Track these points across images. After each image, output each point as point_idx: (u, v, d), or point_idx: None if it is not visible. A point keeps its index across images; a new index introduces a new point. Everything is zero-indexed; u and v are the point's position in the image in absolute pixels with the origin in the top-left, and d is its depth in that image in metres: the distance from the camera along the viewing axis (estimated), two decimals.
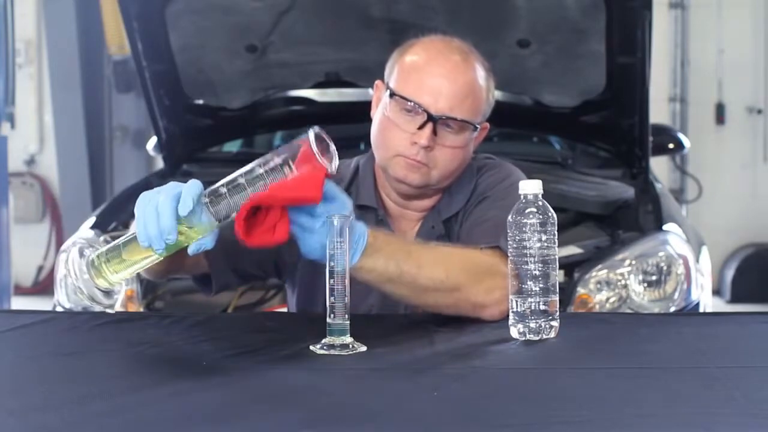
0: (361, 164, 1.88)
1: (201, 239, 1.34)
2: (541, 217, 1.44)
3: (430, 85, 1.72)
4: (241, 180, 1.35)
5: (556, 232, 1.45)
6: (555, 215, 1.45)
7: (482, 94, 1.77)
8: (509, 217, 1.45)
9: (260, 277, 1.92)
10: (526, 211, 1.44)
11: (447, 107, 1.71)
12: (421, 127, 1.71)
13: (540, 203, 1.45)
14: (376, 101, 1.82)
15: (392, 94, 1.74)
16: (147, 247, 1.32)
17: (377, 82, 1.83)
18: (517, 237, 1.44)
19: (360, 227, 1.47)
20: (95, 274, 1.36)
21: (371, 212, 1.82)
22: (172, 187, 1.34)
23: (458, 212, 1.82)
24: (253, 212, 1.34)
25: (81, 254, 2.72)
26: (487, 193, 1.80)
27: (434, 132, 1.71)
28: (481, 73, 1.77)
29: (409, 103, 1.72)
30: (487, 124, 1.82)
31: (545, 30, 2.90)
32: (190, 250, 1.35)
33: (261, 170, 1.35)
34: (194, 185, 1.33)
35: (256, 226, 1.35)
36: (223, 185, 1.36)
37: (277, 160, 1.36)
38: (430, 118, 1.70)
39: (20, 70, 6.65)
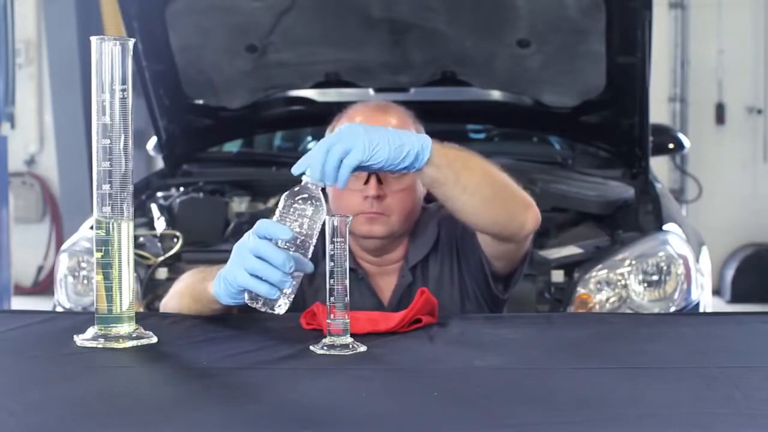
0: None
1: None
2: (313, 207, 1.41)
3: None
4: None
5: (320, 226, 1.42)
6: (324, 208, 1.43)
7: None
8: (283, 197, 1.43)
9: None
10: (300, 197, 1.41)
11: None
12: (366, 182, 1.81)
13: (317, 195, 1.42)
14: None
15: None
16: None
17: None
18: (285, 215, 1.41)
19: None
20: None
21: (351, 273, 1.83)
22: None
23: (427, 258, 1.91)
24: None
25: None
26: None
27: (379, 181, 1.82)
28: (405, 119, 1.86)
29: None
30: None
31: (545, 30, 2.90)
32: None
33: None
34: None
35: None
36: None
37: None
38: None
39: (20, 70, 6.65)
